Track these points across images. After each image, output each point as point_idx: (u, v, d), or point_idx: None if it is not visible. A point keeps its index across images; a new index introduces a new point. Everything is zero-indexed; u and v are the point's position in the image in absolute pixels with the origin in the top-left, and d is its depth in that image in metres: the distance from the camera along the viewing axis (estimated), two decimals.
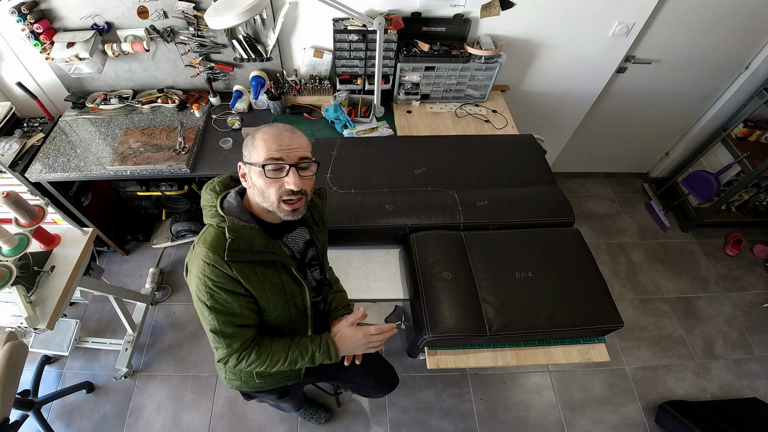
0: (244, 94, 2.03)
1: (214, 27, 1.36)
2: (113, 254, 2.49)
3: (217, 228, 0.87)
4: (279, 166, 0.84)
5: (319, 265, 1.11)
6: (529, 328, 1.17)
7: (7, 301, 1.38)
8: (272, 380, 1.14)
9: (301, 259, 1.04)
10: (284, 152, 0.84)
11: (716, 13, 1.91)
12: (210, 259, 0.83)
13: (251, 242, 0.86)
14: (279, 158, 0.83)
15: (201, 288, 0.86)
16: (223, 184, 0.97)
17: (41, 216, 1.42)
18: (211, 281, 0.84)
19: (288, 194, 0.85)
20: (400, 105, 2.09)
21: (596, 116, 2.50)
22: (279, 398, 1.30)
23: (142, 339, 2.14)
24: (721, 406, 1.99)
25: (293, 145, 0.85)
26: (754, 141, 2.44)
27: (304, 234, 1.04)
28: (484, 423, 1.94)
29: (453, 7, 1.82)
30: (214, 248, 0.84)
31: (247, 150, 0.88)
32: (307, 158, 0.87)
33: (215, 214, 0.89)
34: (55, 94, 2.07)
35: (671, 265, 2.63)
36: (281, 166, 0.84)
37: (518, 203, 1.46)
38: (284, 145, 0.84)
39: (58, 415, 1.93)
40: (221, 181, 0.98)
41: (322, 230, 1.10)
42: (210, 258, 0.83)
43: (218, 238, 0.85)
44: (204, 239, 0.86)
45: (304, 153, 0.87)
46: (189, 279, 0.91)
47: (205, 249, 0.84)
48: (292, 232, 1.01)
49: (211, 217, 0.90)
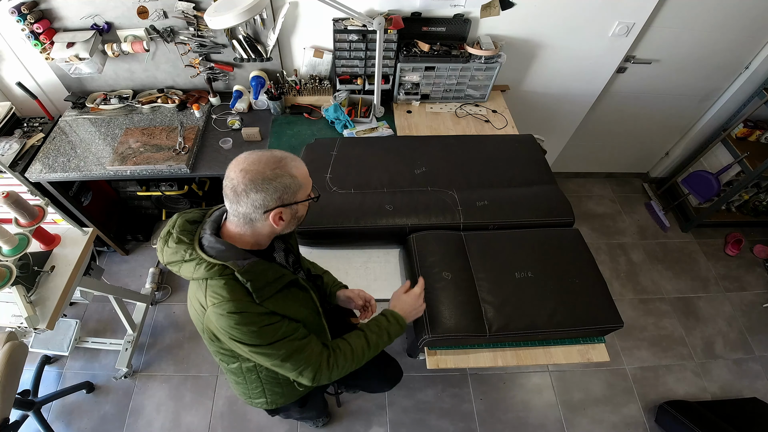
0: (244, 94, 2.03)
1: (214, 27, 1.36)
2: (113, 254, 2.49)
3: (222, 278, 0.81)
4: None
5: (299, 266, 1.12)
6: (529, 328, 1.17)
7: (7, 301, 1.39)
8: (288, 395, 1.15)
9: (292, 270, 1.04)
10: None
11: (716, 13, 1.91)
12: (240, 308, 0.80)
13: (265, 275, 0.84)
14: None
15: (245, 338, 0.82)
16: (186, 231, 0.87)
17: (41, 216, 1.42)
18: (251, 326, 0.81)
19: None
20: (400, 105, 2.09)
21: (596, 116, 2.50)
22: (301, 408, 1.30)
23: (142, 339, 2.14)
24: (721, 406, 1.99)
25: None
26: (754, 141, 2.44)
27: (281, 245, 1.03)
28: (484, 423, 1.94)
29: (453, 7, 1.82)
30: (237, 298, 0.80)
31: (288, 193, 0.82)
32: None
33: (209, 266, 0.81)
34: (55, 94, 2.07)
35: (671, 265, 2.63)
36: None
37: (518, 203, 1.46)
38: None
39: (58, 415, 1.93)
40: (181, 228, 0.87)
41: (293, 234, 1.11)
42: (239, 307, 0.80)
43: (232, 287, 0.81)
44: (217, 295, 0.80)
45: None
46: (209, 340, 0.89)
47: (229, 303, 0.79)
48: (275, 250, 1.00)
49: (206, 270, 0.81)
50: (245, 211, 0.82)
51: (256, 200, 0.80)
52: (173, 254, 0.85)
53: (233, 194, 0.81)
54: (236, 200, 0.81)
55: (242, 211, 0.82)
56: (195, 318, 0.91)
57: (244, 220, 0.84)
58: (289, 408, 1.27)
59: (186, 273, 0.84)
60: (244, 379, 1.09)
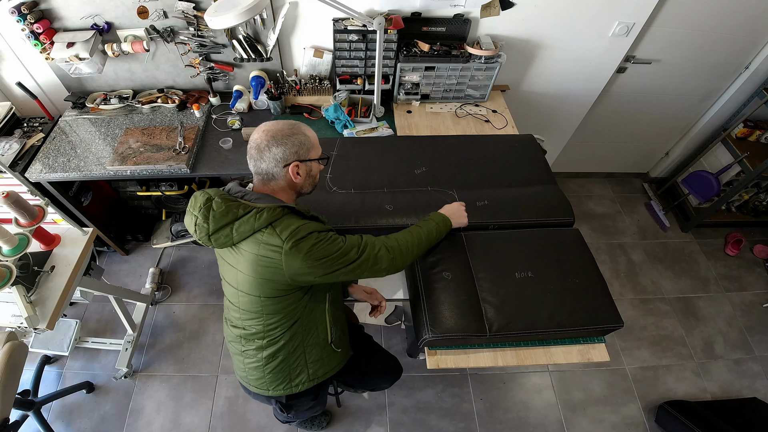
0: (244, 94, 2.03)
1: (214, 27, 1.36)
2: (113, 254, 2.49)
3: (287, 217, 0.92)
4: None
5: None
6: (529, 328, 1.17)
7: (7, 301, 1.39)
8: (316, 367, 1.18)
9: None
10: None
11: (716, 13, 1.91)
12: (315, 227, 0.93)
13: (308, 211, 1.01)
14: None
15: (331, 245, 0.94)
16: (224, 196, 0.94)
17: (41, 216, 1.42)
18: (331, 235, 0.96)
19: None
20: (400, 105, 2.09)
21: (596, 116, 2.50)
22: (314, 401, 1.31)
23: (142, 339, 2.14)
24: (721, 406, 1.99)
25: None
26: (754, 141, 2.44)
27: None
28: (484, 423, 1.94)
29: (453, 7, 1.82)
30: (308, 222, 0.94)
31: (303, 149, 0.98)
32: None
33: (271, 209, 0.90)
34: (55, 94, 2.07)
35: (671, 265, 2.63)
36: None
37: (518, 203, 1.46)
38: None
39: (58, 415, 1.93)
40: (221, 195, 0.94)
41: None
42: (315, 226, 0.93)
43: (298, 218, 0.94)
44: (290, 228, 0.89)
45: None
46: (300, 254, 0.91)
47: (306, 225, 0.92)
48: None
49: (270, 213, 0.90)
50: (267, 166, 0.96)
51: (277, 154, 0.95)
52: (223, 216, 0.90)
53: (257, 152, 0.95)
54: (260, 157, 0.95)
55: (264, 167, 0.96)
56: (264, 270, 0.93)
57: (267, 177, 0.98)
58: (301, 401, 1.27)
59: (245, 228, 0.90)
60: (286, 356, 1.11)
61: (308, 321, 1.11)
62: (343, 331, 1.26)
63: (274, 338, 1.08)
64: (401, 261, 1.07)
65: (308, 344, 1.14)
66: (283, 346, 1.10)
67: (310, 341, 1.14)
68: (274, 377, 1.15)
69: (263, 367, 1.13)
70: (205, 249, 2.52)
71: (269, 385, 1.17)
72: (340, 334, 1.23)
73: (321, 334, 1.16)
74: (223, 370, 2.06)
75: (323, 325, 1.15)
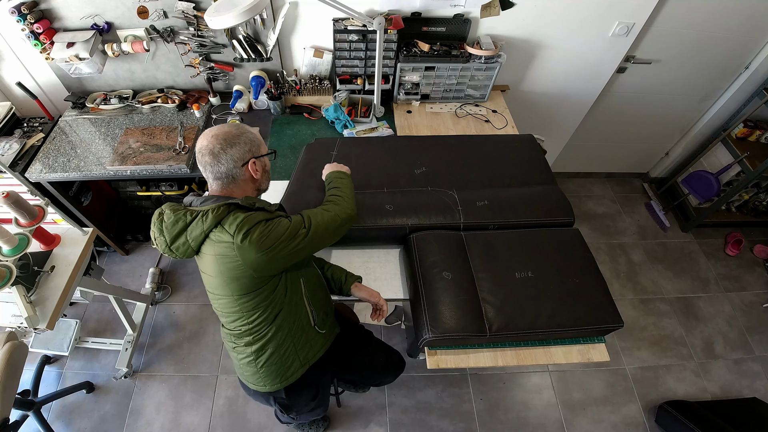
0: (244, 94, 2.03)
1: (214, 27, 1.36)
2: (113, 254, 2.49)
3: (233, 213, 0.93)
4: None
5: None
6: (529, 328, 1.17)
7: (7, 301, 1.39)
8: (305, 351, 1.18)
9: None
10: None
11: (716, 13, 1.91)
12: (262, 216, 0.94)
13: (261, 201, 1.03)
14: None
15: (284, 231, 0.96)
16: (175, 206, 0.98)
17: (41, 216, 1.42)
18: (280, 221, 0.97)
19: None
20: (400, 105, 2.09)
21: (596, 116, 2.50)
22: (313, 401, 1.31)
23: (142, 339, 2.14)
24: (721, 406, 1.99)
25: None
26: (754, 141, 2.44)
27: None
28: (484, 423, 1.94)
29: (453, 7, 1.82)
30: (254, 214, 0.95)
31: (253, 146, 1.01)
32: None
33: (215, 209, 0.92)
34: (55, 94, 2.07)
35: (671, 265, 2.63)
36: None
37: (518, 203, 1.46)
38: None
39: (58, 415, 1.93)
40: (171, 206, 0.97)
41: None
42: (261, 215, 0.95)
43: (244, 211, 0.94)
44: (236, 222, 0.91)
45: None
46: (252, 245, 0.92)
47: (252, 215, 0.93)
48: None
49: (214, 213, 0.92)
50: (226, 169, 0.97)
51: (234, 154, 0.97)
52: (174, 225, 0.93)
53: (212, 157, 0.96)
54: (216, 161, 0.96)
55: (223, 170, 0.97)
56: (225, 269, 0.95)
57: (227, 179, 0.99)
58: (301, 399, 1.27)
59: (196, 232, 0.93)
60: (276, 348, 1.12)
61: (290, 310, 1.11)
62: (326, 312, 1.25)
63: (260, 333, 1.09)
64: (347, 210, 1.15)
65: (295, 332, 1.14)
66: (271, 339, 1.10)
67: (296, 328, 1.14)
68: (268, 371, 1.15)
69: (255, 362, 1.13)
70: None
71: (265, 381, 1.17)
72: (323, 316, 1.22)
73: (303, 318, 1.16)
74: (223, 370, 2.06)
75: (304, 311, 1.15)
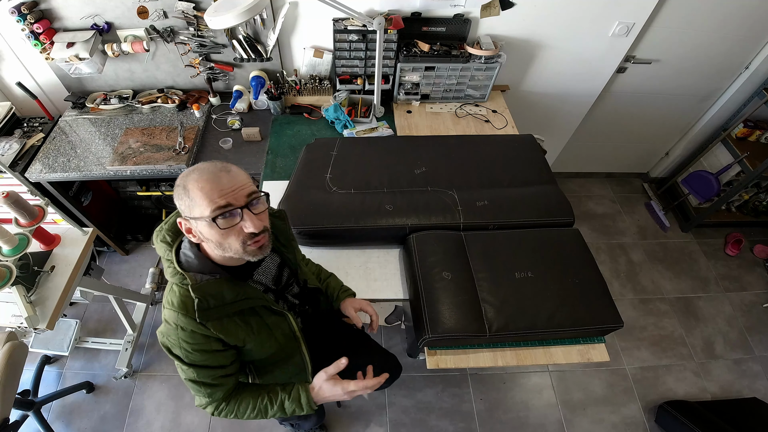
0: (244, 94, 2.03)
1: (214, 27, 1.36)
2: (113, 254, 2.49)
3: (180, 287, 0.80)
4: (230, 213, 0.74)
5: (295, 280, 1.06)
6: (529, 328, 1.17)
7: (7, 301, 1.39)
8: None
9: (276, 287, 0.98)
10: (230, 197, 0.74)
11: (716, 13, 1.91)
12: (182, 323, 0.78)
13: (221, 296, 0.80)
14: (226, 204, 0.73)
15: (177, 350, 0.81)
16: (173, 232, 0.87)
17: (41, 216, 1.42)
18: (188, 345, 0.80)
19: (250, 237, 0.77)
20: (400, 105, 2.09)
21: (596, 116, 2.50)
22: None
23: (142, 339, 2.14)
24: (721, 406, 1.99)
25: (236, 185, 0.75)
26: (754, 141, 2.44)
27: (274, 259, 0.98)
28: (484, 423, 1.94)
29: (453, 7, 1.82)
30: (185, 311, 0.78)
31: (183, 203, 0.76)
32: (255, 192, 0.78)
33: (174, 272, 0.80)
34: (55, 94, 2.07)
35: (671, 265, 2.63)
36: (232, 212, 0.74)
37: (518, 203, 1.46)
38: (226, 188, 0.74)
39: (58, 415, 1.93)
40: (169, 229, 0.87)
41: (292, 249, 1.04)
42: (182, 321, 0.78)
43: (185, 298, 0.79)
44: (170, 301, 0.80)
45: (250, 188, 0.78)
46: (160, 333, 0.83)
47: (175, 313, 0.78)
48: (260, 265, 0.94)
49: (171, 275, 0.81)
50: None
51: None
52: (159, 250, 0.86)
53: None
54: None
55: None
56: None
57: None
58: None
59: (165, 273, 0.84)
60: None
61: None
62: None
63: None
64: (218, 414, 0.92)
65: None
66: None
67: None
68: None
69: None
70: None
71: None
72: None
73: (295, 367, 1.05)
74: None
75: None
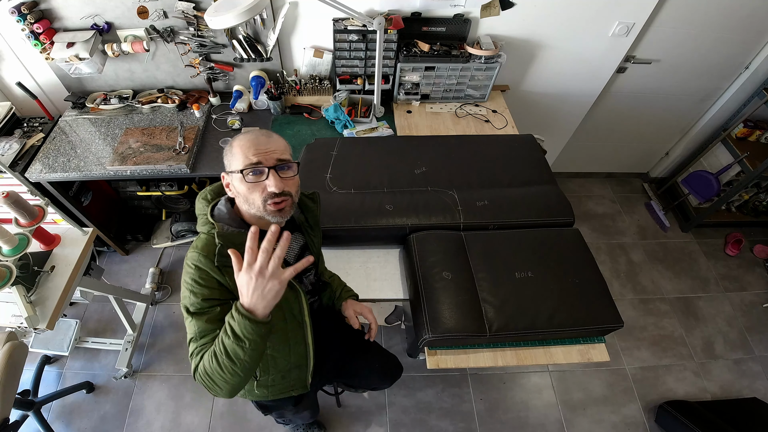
0: (244, 94, 2.03)
1: (214, 27, 1.36)
2: (113, 254, 2.49)
3: (208, 235, 0.87)
4: (258, 170, 0.83)
5: (314, 268, 1.11)
6: (529, 328, 1.17)
7: (7, 301, 1.38)
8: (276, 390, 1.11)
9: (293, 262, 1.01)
10: (261, 155, 0.83)
11: (716, 13, 1.91)
12: (201, 263, 0.82)
13: (242, 248, 0.78)
14: (257, 162, 0.83)
15: (186, 292, 0.83)
16: (215, 193, 0.97)
17: (41, 216, 1.42)
18: (199, 286, 0.81)
19: (271, 197, 0.84)
20: (400, 105, 2.09)
21: (596, 116, 2.50)
22: (295, 407, 1.28)
23: (142, 339, 2.14)
24: (721, 406, 1.99)
25: (270, 148, 0.85)
26: (754, 141, 2.44)
27: (298, 239, 1.03)
28: (484, 423, 1.94)
29: (453, 7, 1.82)
30: (206, 252, 0.83)
31: (227, 159, 0.88)
32: (286, 160, 0.87)
33: (206, 221, 0.89)
34: (55, 94, 2.07)
35: (671, 265, 2.63)
36: (260, 169, 0.83)
37: (518, 203, 1.46)
38: (261, 149, 0.84)
39: (58, 415, 1.93)
40: (213, 189, 0.98)
41: (317, 234, 1.10)
42: (201, 262, 0.82)
43: (209, 243, 0.84)
44: (195, 245, 0.86)
45: (282, 155, 0.86)
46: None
47: (197, 253, 0.83)
48: None
49: (203, 225, 0.90)
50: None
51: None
52: (197, 208, 0.96)
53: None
54: None
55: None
56: None
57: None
58: (282, 407, 1.26)
59: (198, 225, 0.93)
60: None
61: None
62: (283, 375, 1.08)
63: None
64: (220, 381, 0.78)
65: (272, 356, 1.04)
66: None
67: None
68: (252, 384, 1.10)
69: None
70: None
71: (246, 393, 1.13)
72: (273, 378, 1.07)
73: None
74: None
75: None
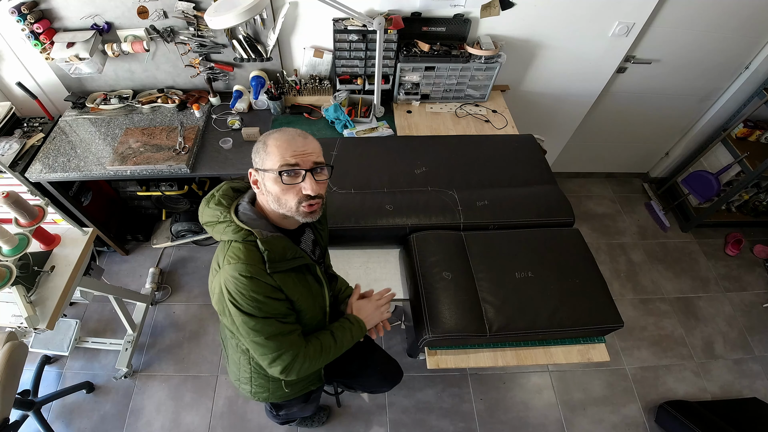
0: (244, 94, 2.03)
1: (214, 27, 1.36)
2: (113, 254, 2.49)
3: (245, 243, 0.84)
4: (295, 172, 0.82)
5: (324, 262, 1.14)
6: (529, 328, 1.17)
7: (7, 301, 1.39)
8: (298, 388, 1.16)
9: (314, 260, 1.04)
10: (299, 158, 0.82)
11: (716, 13, 1.91)
12: (251, 273, 0.81)
13: (284, 251, 0.85)
14: (295, 164, 0.82)
15: (244, 303, 0.82)
16: (228, 196, 0.93)
17: (41, 216, 1.42)
18: (255, 293, 0.82)
19: (306, 199, 0.84)
20: (400, 105, 2.09)
21: (596, 116, 2.50)
22: (304, 403, 1.33)
23: (142, 339, 2.14)
24: (721, 406, 1.99)
25: (307, 150, 0.84)
26: (754, 141, 2.44)
27: (310, 235, 1.05)
28: (484, 423, 1.94)
29: (453, 7, 1.82)
30: (252, 262, 0.82)
31: (259, 156, 0.85)
32: (321, 163, 0.86)
33: (237, 229, 0.85)
34: (55, 94, 2.07)
35: (671, 265, 2.63)
36: (297, 171, 0.82)
37: (518, 203, 1.46)
38: (298, 150, 0.83)
39: (58, 415, 1.93)
40: (224, 193, 0.93)
41: (325, 228, 1.12)
42: (251, 271, 0.81)
43: (251, 252, 0.83)
44: (235, 257, 0.82)
45: (318, 158, 0.85)
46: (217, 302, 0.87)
47: (243, 264, 0.81)
48: (303, 234, 1.00)
49: (233, 233, 0.85)
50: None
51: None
52: (211, 215, 0.90)
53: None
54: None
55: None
56: (210, 282, 0.91)
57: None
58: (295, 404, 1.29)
59: (217, 233, 0.88)
60: (238, 360, 1.11)
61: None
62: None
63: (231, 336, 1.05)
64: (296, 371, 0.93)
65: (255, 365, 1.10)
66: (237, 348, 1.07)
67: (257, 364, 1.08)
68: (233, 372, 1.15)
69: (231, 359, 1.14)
70: (205, 249, 2.52)
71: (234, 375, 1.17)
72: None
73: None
74: (223, 370, 2.06)
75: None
